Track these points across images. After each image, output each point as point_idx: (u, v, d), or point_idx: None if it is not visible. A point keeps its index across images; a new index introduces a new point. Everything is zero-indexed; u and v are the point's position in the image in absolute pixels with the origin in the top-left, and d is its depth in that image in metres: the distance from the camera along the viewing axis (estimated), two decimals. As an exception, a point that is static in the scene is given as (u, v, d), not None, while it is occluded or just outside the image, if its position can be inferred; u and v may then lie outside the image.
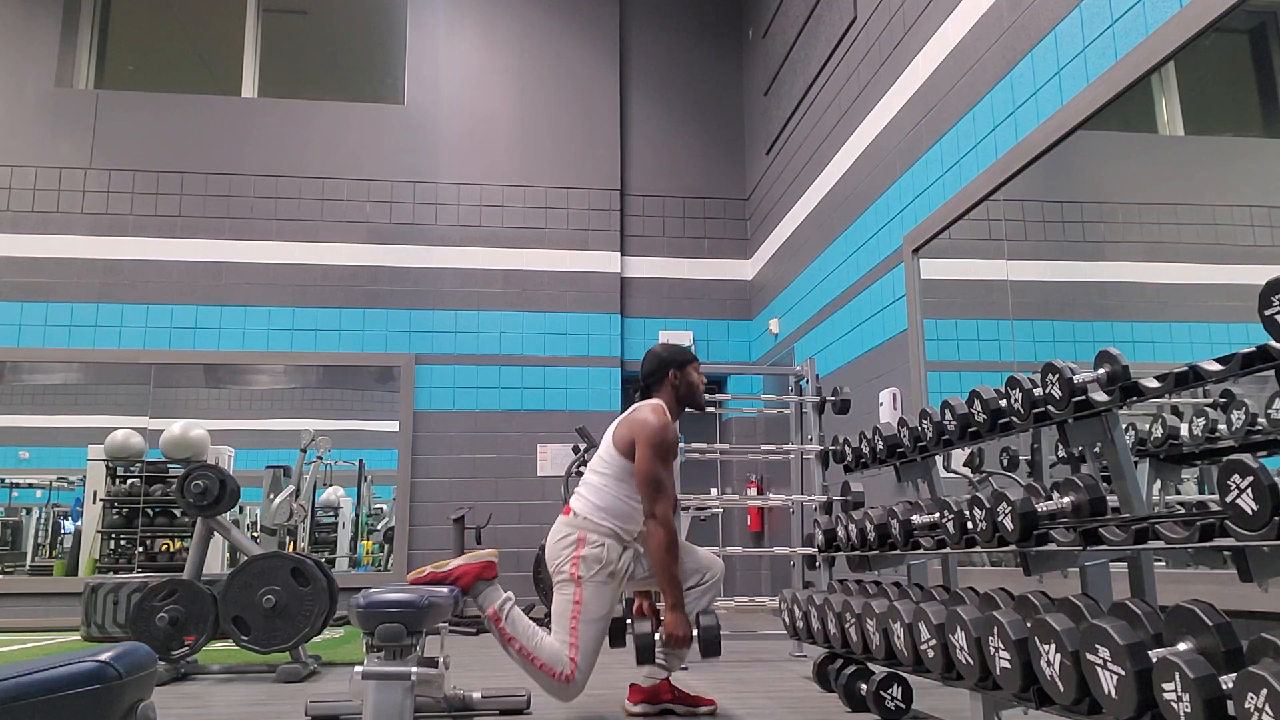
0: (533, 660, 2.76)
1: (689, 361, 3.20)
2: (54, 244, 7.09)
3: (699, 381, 3.21)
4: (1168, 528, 1.64)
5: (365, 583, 5.97)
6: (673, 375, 3.14)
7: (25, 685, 1.26)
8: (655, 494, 2.86)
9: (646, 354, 3.21)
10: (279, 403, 7.48)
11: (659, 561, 2.86)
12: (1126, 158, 3.46)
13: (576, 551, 2.85)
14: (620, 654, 3.26)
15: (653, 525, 2.86)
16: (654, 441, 2.89)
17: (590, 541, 2.87)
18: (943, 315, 4.47)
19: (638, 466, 2.89)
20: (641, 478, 2.88)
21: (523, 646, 2.76)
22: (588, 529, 2.89)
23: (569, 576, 2.85)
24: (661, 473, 2.88)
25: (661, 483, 2.87)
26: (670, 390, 3.13)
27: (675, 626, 2.86)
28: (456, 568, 2.82)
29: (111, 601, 5.35)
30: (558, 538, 2.93)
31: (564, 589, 2.86)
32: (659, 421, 2.94)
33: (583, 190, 7.69)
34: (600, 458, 3.02)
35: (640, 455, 2.89)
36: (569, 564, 2.85)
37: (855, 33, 5.55)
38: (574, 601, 2.81)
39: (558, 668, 2.75)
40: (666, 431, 2.93)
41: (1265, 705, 1.21)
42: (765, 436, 7.33)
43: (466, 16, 7.86)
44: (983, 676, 1.87)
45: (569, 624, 2.80)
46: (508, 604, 2.81)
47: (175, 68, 8.26)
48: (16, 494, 7.19)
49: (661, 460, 2.89)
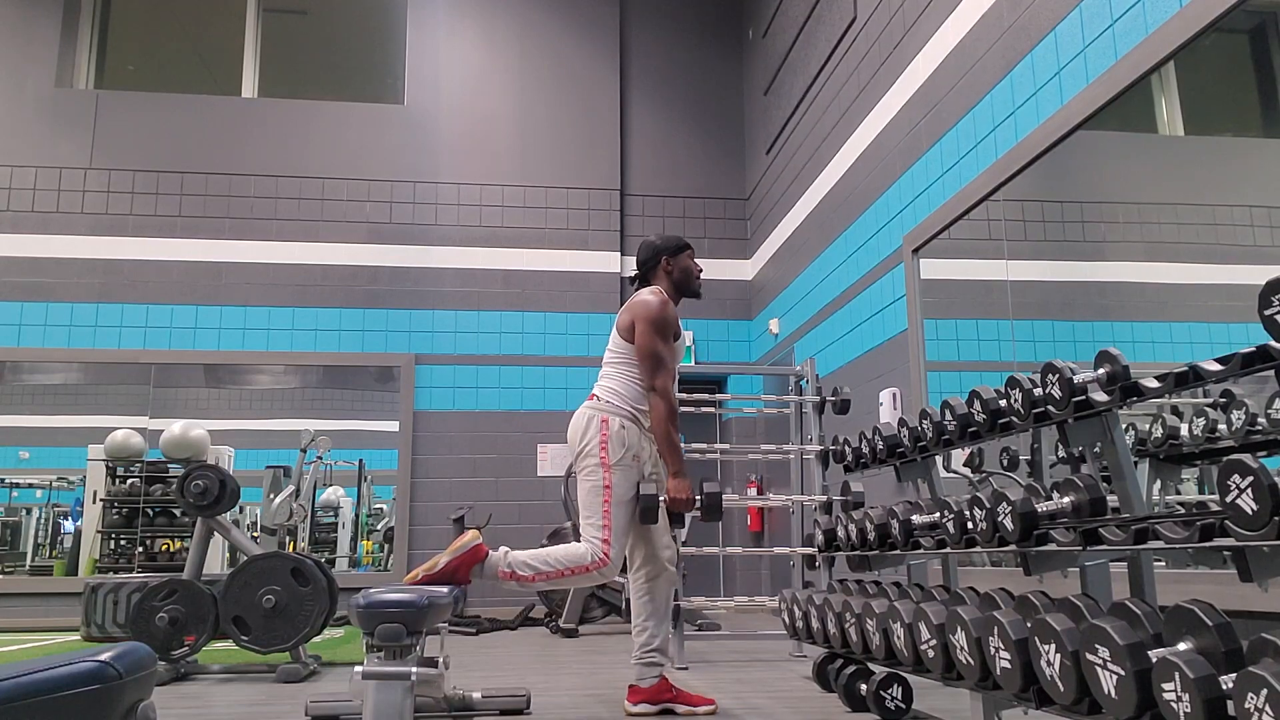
0: (561, 575, 2.88)
1: (683, 248, 3.30)
2: (54, 244, 7.09)
3: (694, 268, 3.30)
4: (1168, 528, 1.64)
5: (365, 583, 5.97)
6: (666, 261, 3.24)
7: (25, 685, 1.26)
8: (654, 367, 3.00)
9: (640, 244, 3.31)
10: (279, 403, 7.48)
11: (660, 430, 2.99)
12: (1126, 158, 3.46)
13: (604, 433, 2.97)
14: (620, 654, 3.27)
15: (653, 398, 2.99)
16: (651, 317, 3.03)
17: (613, 424, 2.99)
18: (943, 315, 4.47)
19: (638, 342, 3.02)
20: (641, 352, 3.02)
21: (545, 573, 2.87)
22: (610, 411, 3.02)
23: (599, 462, 2.95)
24: (660, 347, 3.01)
25: (660, 356, 3.00)
26: (665, 277, 3.23)
27: (679, 490, 2.98)
28: (449, 565, 2.81)
29: (111, 601, 5.35)
30: (583, 421, 3.04)
31: (592, 475, 2.97)
32: (657, 300, 3.08)
33: (583, 190, 7.69)
34: (609, 348, 3.15)
35: (639, 331, 3.02)
36: (598, 447, 2.96)
37: (855, 33, 5.55)
38: (604, 486, 2.94)
39: (585, 561, 2.88)
40: (665, 309, 3.06)
41: (1265, 705, 1.21)
42: (765, 436, 7.33)
43: (466, 16, 7.86)
44: (983, 676, 1.87)
45: (601, 508, 2.92)
46: (508, 557, 2.88)
47: (175, 68, 8.26)
48: (16, 494, 7.19)
49: (660, 335, 3.02)
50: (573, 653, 4.79)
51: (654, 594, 3.09)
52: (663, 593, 3.10)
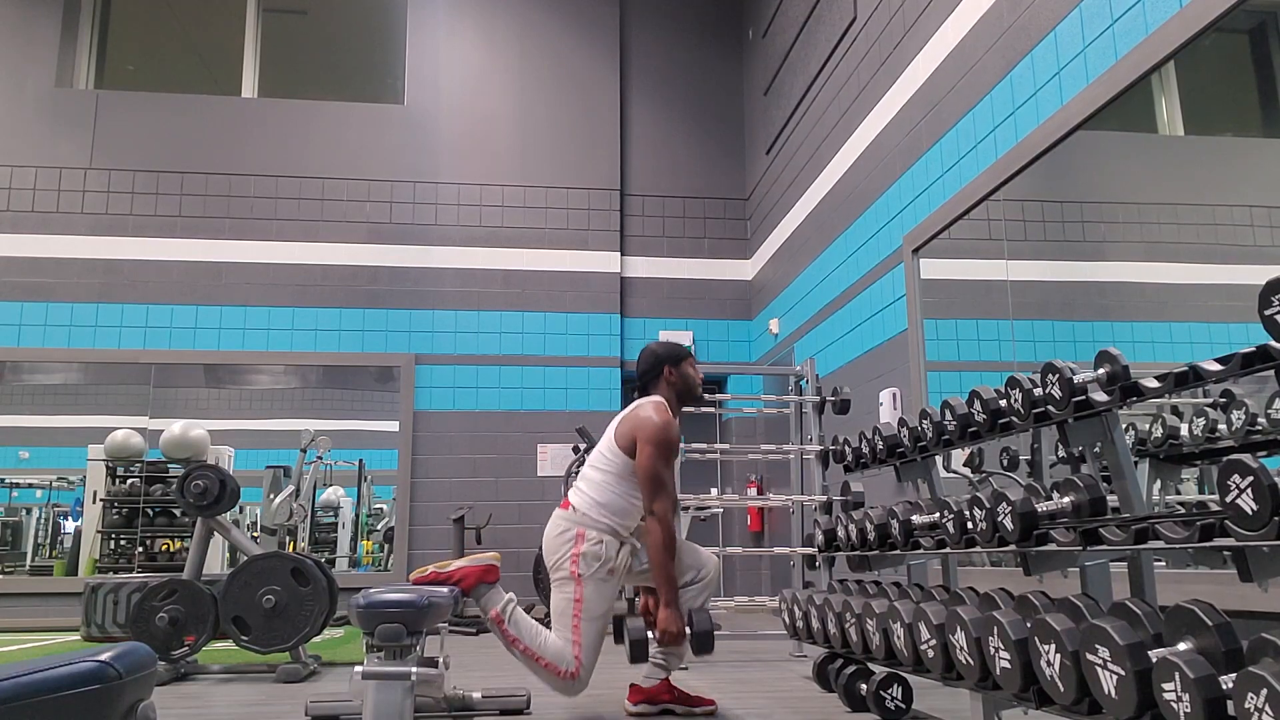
0: (538, 660, 2.78)
1: (684, 357, 3.19)
2: (54, 244, 7.09)
3: (695, 376, 3.20)
4: (1168, 528, 1.64)
5: (365, 583, 5.97)
6: (668, 372, 3.13)
7: (25, 685, 1.26)
8: (656, 491, 2.87)
9: (642, 352, 3.20)
10: (279, 403, 7.47)
11: (656, 559, 2.88)
12: (1126, 158, 3.46)
13: (576, 548, 2.86)
14: (620, 654, 3.26)
15: (652, 522, 2.88)
16: (656, 439, 2.90)
17: (589, 538, 2.87)
18: (943, 315, 4.47)
19: (639, 463, 2.90)
20: (643, 475, 2.89)
21: (527, 647, 2.78)
22: (586, 524, 2.90)
23: (569, 574, 2.85)
24: (663, 470, 2.89)
25: (663, 480, 2.89)
26: (668, 387, 3.13)
27: (668, 623, 2.87)
28: (459, 569, 2.83)
29: (111, 601, 5.35)
30: (556, 532, 2.93)
31: (564, 587, 2.87)
32: (662, 419, 2.95)
33: (583, 190, 7.69)
34: (600, 453, 3.03)
35: (642, 452, 2.90)
36: (569, 561, 2.86)
37: (855, 33, 5.55)
38: (574, 600, 2.83)
39: (562, 665, 2.77)
40: (669, 429, 2.94)
41: (1265, 705, 1.21)
42: (765, 436, 7.33)
43: (466, 16, 7.86)
44: (983, 676, 1.87)
45: (570, 622, 2.81)
46: (510, 605, 2.82)
47: (175, 68, 8.26)
48: (16, 494, 7.19)
49: (663, 458, 2.90)
50: (573, 653, 4.78)
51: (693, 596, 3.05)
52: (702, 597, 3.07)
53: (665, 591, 2.89)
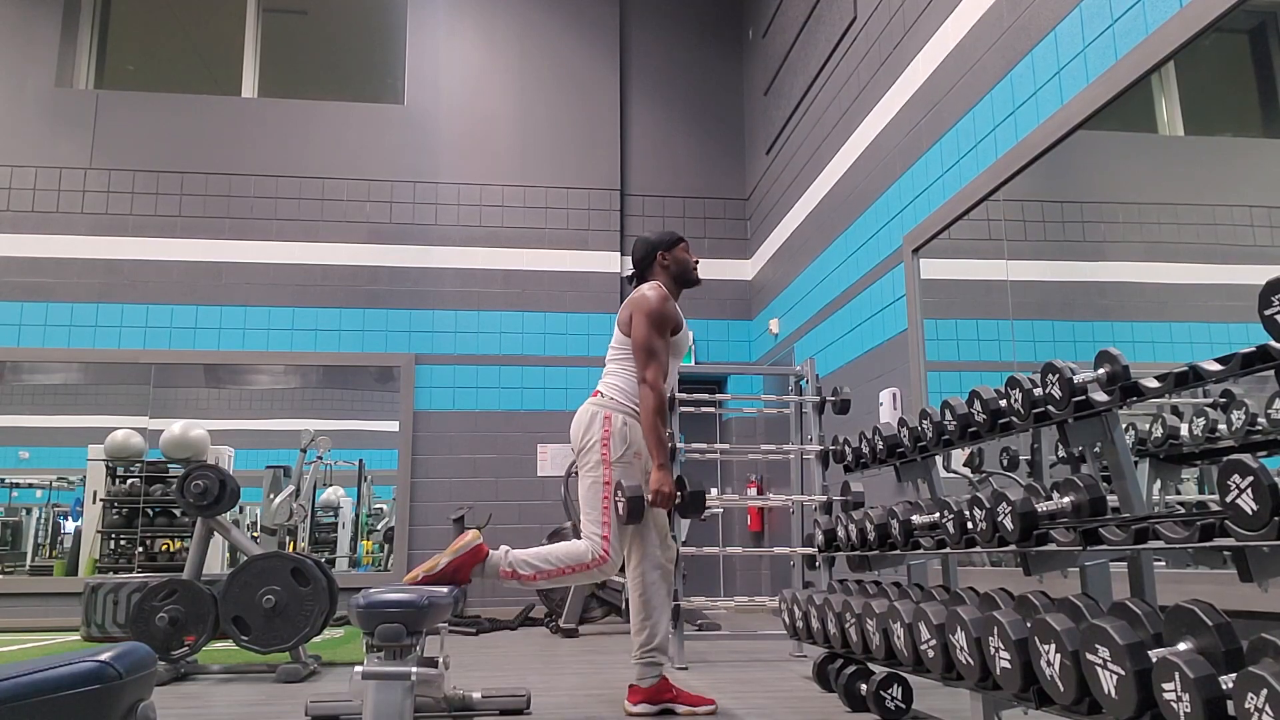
0: (562, 573, 2.89)
1: (677, 241, 3.30)
2: (54, 244, 7.09)
3: (690, 259, 3.31)
4: (1168, 528, 1.64)
5: (365, 583, 5.97)
6: (662, 256, 3.25)
7: (25, 685, 1.26)
8: (647, 359, 3.01)
9: (635, 242, 3.33)
10: (279, 403, 7.48)
11: (647, 422, 2.99)
12: (1126, 158, 3.46)
13: (606, 429, 2.99)
14: (620, 654, 3.27)
15: (643, 389, 3.01)
16: (649, 310, 3.05)
17: (615, 421, 3.01)
18: (943, 315, 4.47)
19: (634, 334, 3.05)
20: (636, 344, 3.04)
21: (546, 571, 2.87)
22: (613, 408, 3.04)
23: (599, 458, 2.97)
24: (655, 341, 3.03)
25: (653, 349, 3.02)
26: (663, 271, 3.25)
27: (661, 483, 2.97)
28: (449, 565, 2.81)
29: (111, 601, 5.35)
30: (586, 417, 3.06)
31: (593, 471, 2.98)
32: (656, 294, 3.10)
33: (583, 190, 7.69)
34: (612, 344, 3.18)
35: (637, 324, 3.05)
36: (599, 444, 2.98)
37: (855, 33, 5.55)
38: (605, 482, 2.95)
39: (587, 559, 2.89)
40: (663, 303, 3.08)
41: (1265, 705, 1.21)
42: (765, 436, 7.33)
43: (466, 16, 7.86)
44: (983, 676, 1.87)
45: (600, 504, 2.93)
46: (508, 555, 2.88)
47: (175, 68, 8.26)
48: (16, 494, 7.19)
49: (657, 329, 3.04)
50: (573, 653, 4.79)
51: (653, 592, 3.08)
52: (662, 591, 3.10)
53: (657, 453, 2.99)
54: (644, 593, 3.08)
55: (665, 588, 3.12)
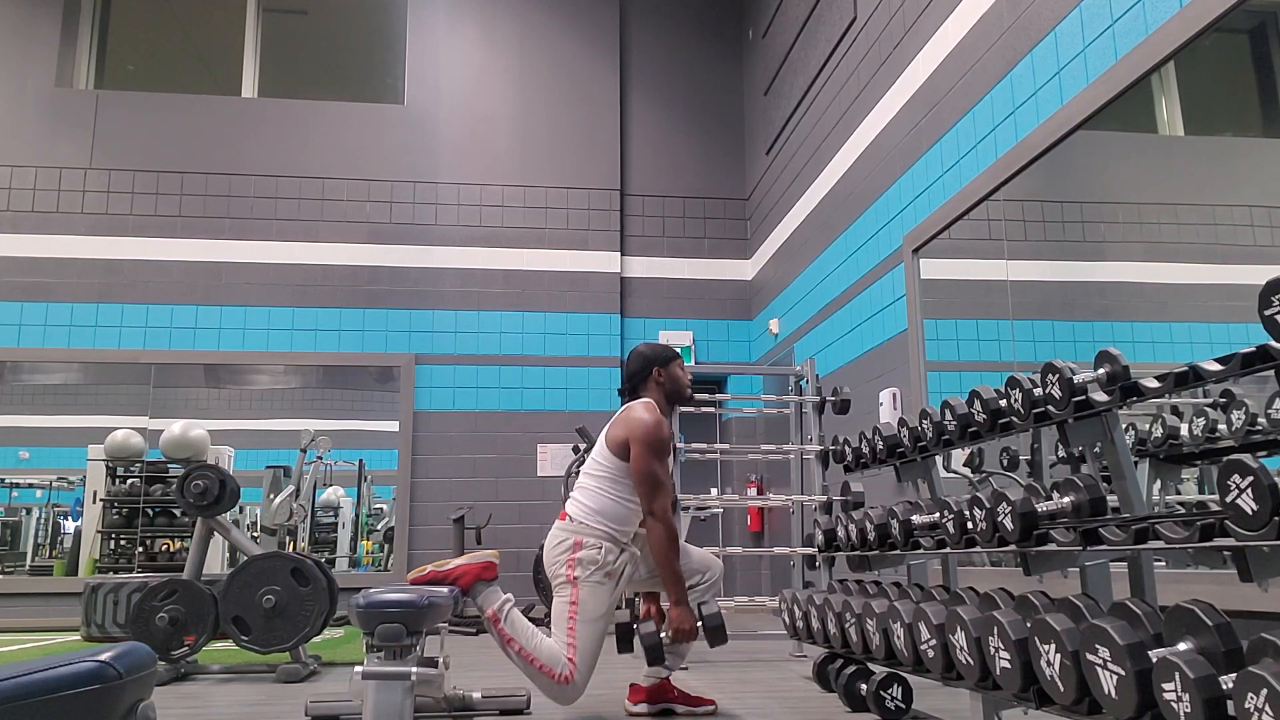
0: (532, 661, 2.75)
1: (672, 358, 3.18)
2: (54, 244, 7.09)
3: (684, 378, 3.19)
4: (1168, 528, 1.64)
5: (365, 583, 5.97)
6: (657, 373, 3.12)
7: (25, 685, 1.26)
8: (653, 491, 2.87)
9: (630, 354, 3.20)
10: (279, 403, 7.47)
11: (660, 557, 2.87)
12: (1126, 158, 3.46)
13: (572, 555, 2.85)
14: (622, 654, 3.27)
15: (652, 522, 2.87)
16: (648, 439, 2.90)
17: (587, 545, 2.86)
18: (943, 315, 4.47)
19: (633, 464, 2.89)
20: (638, 476, 2.88)
21: (522, 648, 2.76)
22: (584, 533, 2.88)
23: (565, 579, 2.84)
24: (658, 469, 2.89)
25: (658, 479, 2.89)
26: (656, 388, 3.12)
27: (681, 620, 2.88)
28: (457, 567, 2.82)
29: (111, 601, 5.35)
30: (554, 543, 2.92)
31: (561, 591, 2.86)
32: (653, 419, 2.95)
33: (583, 190, 7.69)
34: (594, 460, 3.02)
35: (635, 453, 2.90)
36: (564, 567, 2.85)
37: (855, 33, 5.55)
38: (570, 602, 2.81)
39: (557, 669, 2.74)
40: (660, 428, 2.94)
41: (1265, 705, 1.21)
42: (765, 436, 7.33)
43: (466, 16, 7.86)
44: (983, 676, 1.87)
45: (566, 624, 2.80)
46: (507, 605, 2.81)
47: (175, 68, 8.26)
48: (16, 494, 7.19)
49: (657, 457, 2.90)
50: (573, 653, 4.78)
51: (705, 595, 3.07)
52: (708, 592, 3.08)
53: (673, 590, 2.89)
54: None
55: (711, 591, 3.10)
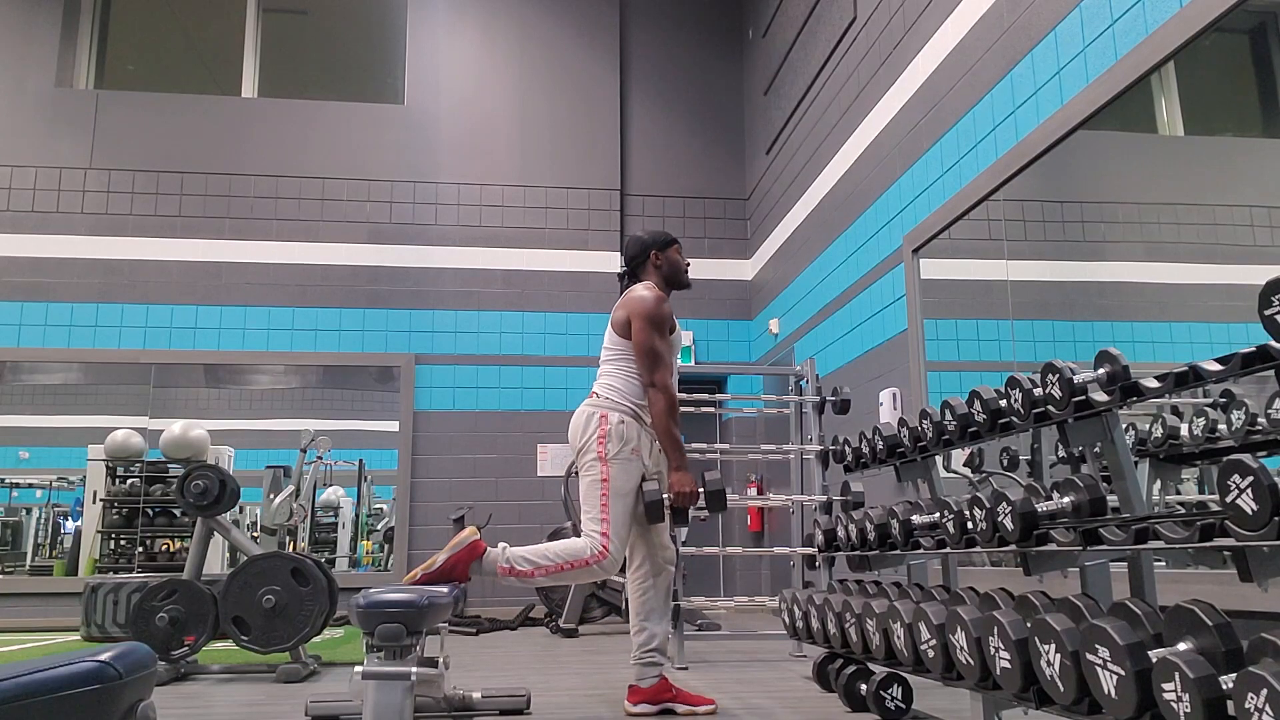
0: (560, 569, 2.85)
1: (671, 242, 3.29)
2: (54, 244, 7.09)
3: (681, 261, 3.30)
4: (1168, 528, 1.64)
5: (365, 583, 5.97)
6: (654, 256, 3.24)
7: (25, 685, 1.26)
8: (653, 363, 3.00)
9: (628, 240, 3.32)
10: (279, 403, 7.47)
11: (661, 425, 2.99)
12: (1126, 158, 3.46)
13: (601, 429, 2.97)
14: (620, 654, 3.27)
15: (652, 393, 2.99)
16: (648, 313, 3.03)
17: (612, 419, 2.99)
18: (943, 315, 4.47)
19: (635, 339, 3.02)
20: (639, 349, 3.01)
21: (545, 568, 2.84)
22: (609, 407, 3.02)
23: (596, 456, 2.95)
24: (657, 342, 3.02)
25: (658, 351, 3.01)
26: (655, 271, 3.23)
27: (681, 484, 2.97)
28: (447, 562, 2.81)
29: (111, 601, 5.35)
30: (582, 419, 3.04)
31: (590, 470, 2.96)
32: (652, 295, 3.08)
33: (583, 190, 7.69)
34: (606, 345, 3.15)
35: (636, 328, 3.02)
36: (595, 442, 2.96)
37: (855, 33, 5.55)
38: (602, 479, 2.92)
39: (584, 555, 2.85)
40: (659, 304, 3.06)
41: (1265, 705, 1.21)
42: (765, 436, 7.33)
43: (466, 16, 7.86)
44: (983, 676, 1.87)
45: (599, 501, 2.90)
46: (506, 552, 2.86)
47: (175, 68, 8.26)
48: (16, 494, 7.19)
49: (657, 330, 3.03)
50: (573, 653, 4.79)
51: (652, 593, 3.09)
52: (661, 592, 3.11)
53: (674, 455, 3.00)
54: (643, 594, 3.09)
55: (664, 589, 3.12)
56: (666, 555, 3.14)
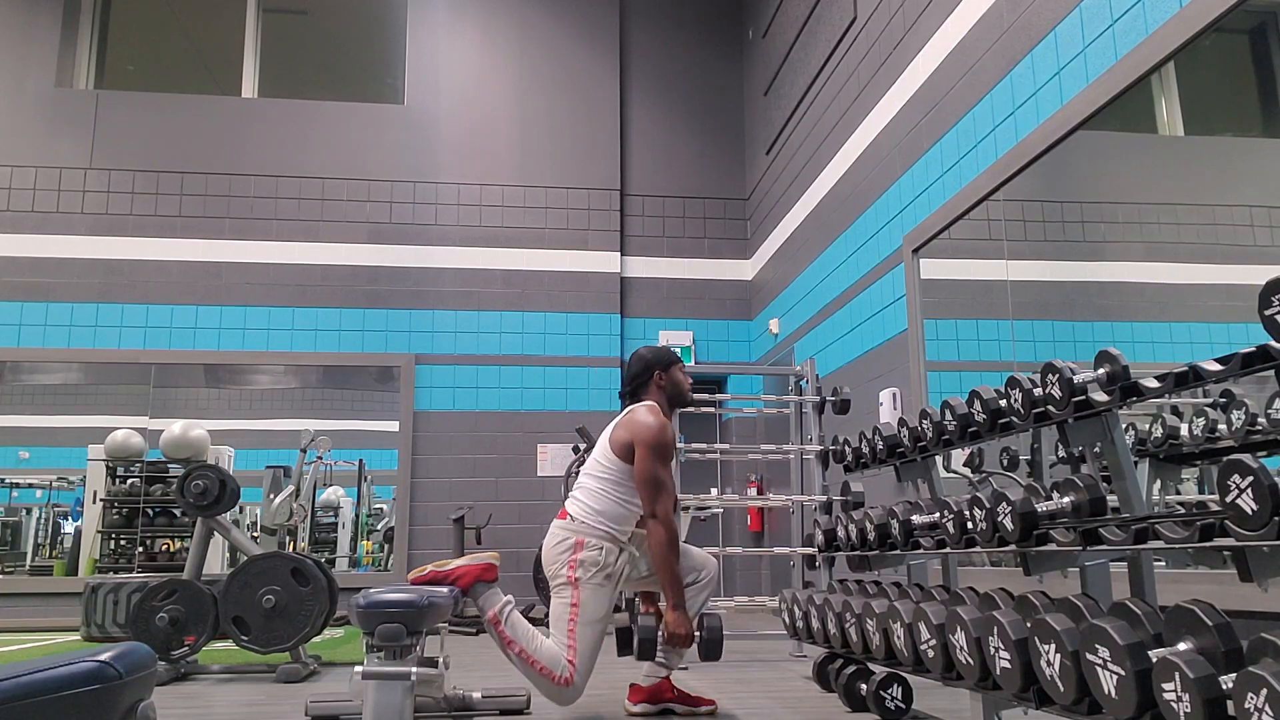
0: (532, 664, 2.75)
1: (673, 362, 3.19)
2: (54, 244, 7.09)
3: (685, 381, 3.20)
4: (1168, 528, 1.64)
5: (365, 583, 5.97)
6: (658, 376, 3.13)
7: (25, 685, 1.26)
8: (656, 493, 2.87)
9: (630, 357, 3.21)
10: (279, 403, 7.47)
11: (660, 560, 2.87)
12: (1126, 158, 3.46)
13: (574, 555, 2.85)
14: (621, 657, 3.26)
15: (654, 524, 2.87)
16: (653, 442, 2.90)
17: (588, 545, 2.87)
18: (943, 315, 4.47)
19: (638, 467, 2.90)
20: (642, 478, 2.89)
21: (522, 649, 2.76)
22: (585, 533, 2.89)
23: (566, 580, 2.84)
24: (661, 472, 2.90)
25: (662, 482, 2.89)
26: (658, 391, 3.13)
27: (678, 625, 2.86)
28: (457, 567, 2.82)
29: (111, 601, 5.35)
30: (554, 542, 2.92)
31: (561, 593, 2.86)
32: (657, 422, 2.95)
33: (583, 190, 7.69)
34: (596, 461, 3.02)
35: (639, 455, 2.90)
36: (566, 567, 2.85)
37: (855, 33, 5.55)
38: (571, 604, 2.81)
39: (556, 670, 2.74)
40: (665, 432, 2.94)
41: (1265, 705, 1.21)
42: (765, 436, 7.33)
43: (466, 16, 7.86)
44: (983, 676, 1.87)
45: (566, 626, 2.80)
46: (507, 607, 2.81)
47: (175, 68, 8.26)
48: (16, 494, 7.19)
49: (661, 460, 2.90)
50: (573, 653, 4.78)
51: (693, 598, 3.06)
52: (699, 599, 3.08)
53: (672, 593, 2.88)
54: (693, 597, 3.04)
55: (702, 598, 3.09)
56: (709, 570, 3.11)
